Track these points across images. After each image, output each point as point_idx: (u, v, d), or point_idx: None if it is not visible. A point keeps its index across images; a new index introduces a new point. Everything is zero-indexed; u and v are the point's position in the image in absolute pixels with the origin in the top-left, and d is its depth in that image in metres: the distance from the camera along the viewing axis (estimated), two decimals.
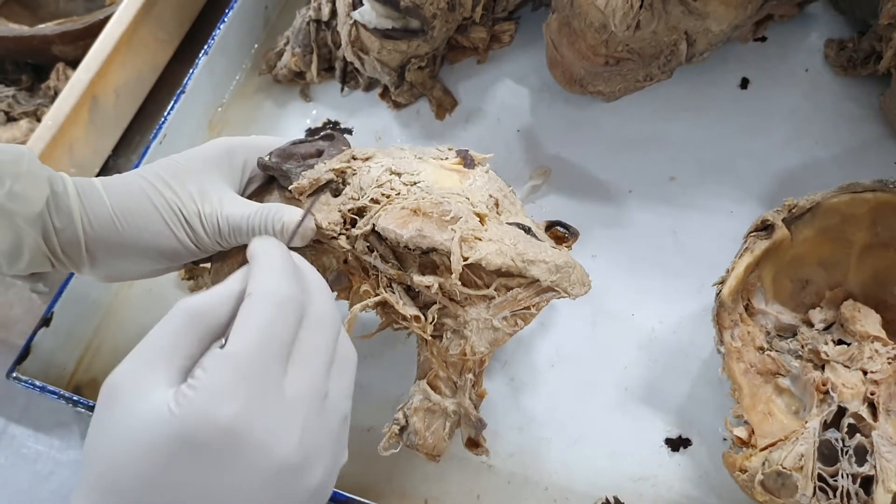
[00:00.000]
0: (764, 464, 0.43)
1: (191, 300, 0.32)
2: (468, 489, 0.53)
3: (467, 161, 0.50)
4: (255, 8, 0.75)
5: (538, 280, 0.43)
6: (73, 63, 0.71)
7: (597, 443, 0.53)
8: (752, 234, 0.48)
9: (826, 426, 0.44)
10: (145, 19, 0.72)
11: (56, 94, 0.72)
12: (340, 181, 0.48)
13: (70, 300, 0.62)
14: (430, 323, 0.45)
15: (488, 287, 0.44)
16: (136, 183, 0.46)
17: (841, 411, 0.44)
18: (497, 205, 0.47)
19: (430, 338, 0.46)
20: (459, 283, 0.43)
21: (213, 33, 0.71)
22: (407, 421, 0.46)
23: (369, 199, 0.46)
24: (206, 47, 0.70)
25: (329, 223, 0.46)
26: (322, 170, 0.48)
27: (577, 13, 0.55)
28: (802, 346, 0.48)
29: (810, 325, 0.49)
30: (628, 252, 0.58)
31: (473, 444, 0.48)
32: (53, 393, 0.57)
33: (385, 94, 0.70)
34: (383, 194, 0.46)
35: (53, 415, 0.62)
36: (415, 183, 0.47)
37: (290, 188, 0.47)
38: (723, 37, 0.57)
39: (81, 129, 0.69)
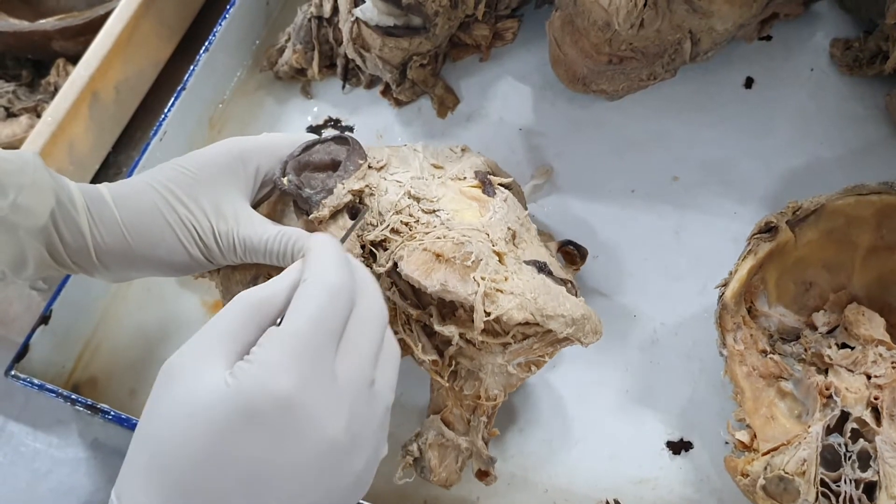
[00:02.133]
0: (766, 468, 0.43)
1: (250, 291, 0.33)
2: (467, 491, 0.52)
3: (487, 188, 0.49)
4: (256, 4, 0.75)
5: (554, 331, 0.44)
6: (74, 59, 0.71)
7: (597, 445, 0.52)
8: (755, 236, 0.48)
9: (829, 431, 0.43)
10: (146, 15, 0.72)
11: (56, 89, 0.72)
12: (357, 200, 0.47)
13: (69, 298, 0.62)
14: (448, 367, 0.46)
15: (506, 334, 0.45)
16: (148, 196, 0.45)
17: (844, 416, 0.43)
18: (514, 236, 0.47)
19: (447, 384, 0.47)
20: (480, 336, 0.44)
21: (215, 30, 0.70)
22: (421, 454, 0.48)
23: (389, 228, 0.45)
24: (207, 44, 0.70)
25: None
26: (341, 193, 0.47)
27: (580, 11, 0.55)
28: (806, 350, 0.48)
29: (814, 328, 0.49)
30: (630, 252, 0.58)
31: (483, 474, 0.50)
32: (52, 391, 0.56)
33: (386, 92, 0.69)
34: (403, 222, 0.45)
35: (52, 413, 0.62)
36: (434, 211, 0.46)
37: (310, 217, 0.46)
38: (727, 36, 0.56)
39: (81, 125, 0.68)
